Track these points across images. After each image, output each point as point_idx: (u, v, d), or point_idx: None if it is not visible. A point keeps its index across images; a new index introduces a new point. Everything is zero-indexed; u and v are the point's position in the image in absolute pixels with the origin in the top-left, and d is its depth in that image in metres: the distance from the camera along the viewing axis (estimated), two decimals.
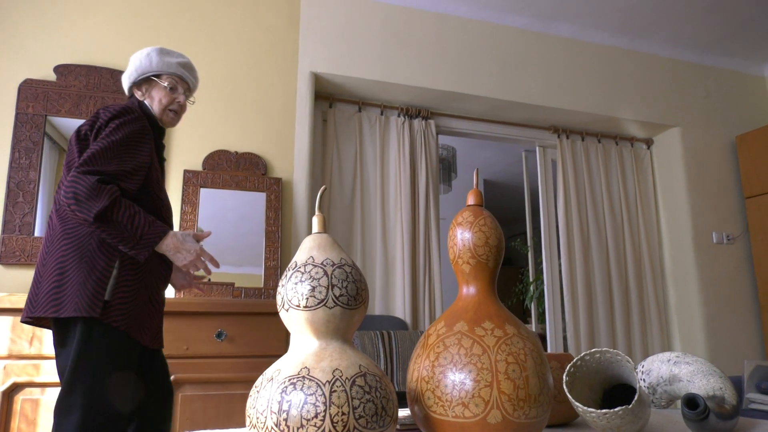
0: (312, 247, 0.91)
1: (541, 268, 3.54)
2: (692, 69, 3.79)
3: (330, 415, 0.75)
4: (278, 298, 0.90)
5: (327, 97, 3.07)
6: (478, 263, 0.96)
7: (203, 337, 2.07)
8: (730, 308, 3.48)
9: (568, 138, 3.53)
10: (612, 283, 3.41)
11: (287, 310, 0.87)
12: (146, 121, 1.55)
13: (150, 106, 1.65)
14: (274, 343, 2.15)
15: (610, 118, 3.49)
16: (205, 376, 2.04)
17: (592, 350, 1.07)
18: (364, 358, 0.86)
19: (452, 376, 0.84)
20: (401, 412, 1.23)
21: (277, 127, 2.76)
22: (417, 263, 2.98)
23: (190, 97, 1.75)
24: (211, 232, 1.74)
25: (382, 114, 3.15)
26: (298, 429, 0.75)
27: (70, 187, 1.35)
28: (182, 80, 1.69)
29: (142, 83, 1.65)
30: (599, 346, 3.27)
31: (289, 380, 0.79)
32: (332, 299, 0.85)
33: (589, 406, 1.06)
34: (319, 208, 0.98)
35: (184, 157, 2.60)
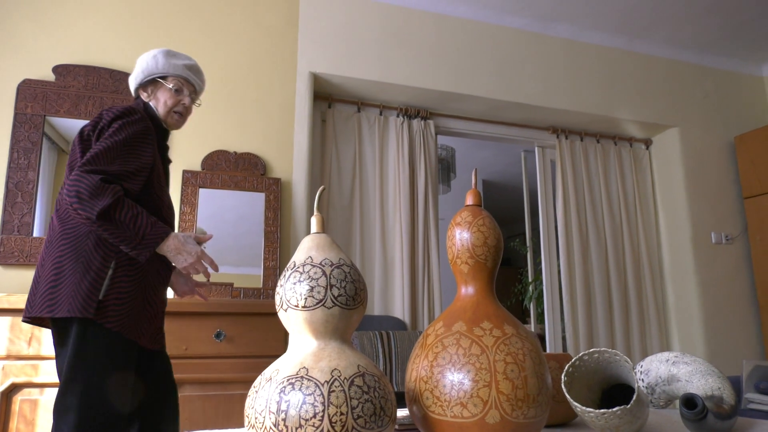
0: (310, 247, 0.91)
1: (540, 269, 3.54)
2: (691, 69, 3.79)
3: (328, 415, 0.75)
4: (277, 298, 0.89)
5: (326, 97, 3.06)
6: (477, 263, 0.96)
7: (202, 338, 2.07)
8: (729, 308, 3.49)
9: (567, 138, 3.53)
10: (611, 284, 3.41)
11: (286, 310, 0.87)
12: (149, 122, 1.55)
13: (155, 108, 1.65)
14: (272, 344, 2.15)
15: (609, 118, 3.49)
16: (204, 377, 2.04)
17: (590, 350, 1.07)
18: (362, 358, 0.86)
19: (451, 376, 0.84)
20: (400, 412, 1.23)
21: (276, 128, 2.76)
22: (416, 263, 2.98)
23: (197, 100, 1.75)
24: (213, 235, 1.71)
25: (381, 114, 3.15)
26: (296, 429, 0.75)
27: (72, 186, 1.34)
28: (188, 82, 1.68)
29: (148, 85, 1.65)
30: (598, 346, 3.27)
31: (288, 380, 0.79)
32: (331, 299, 0.85)
33: (587, 406, 1.06)
34: (318, 209, 0.98)
35: (183, 158, 2.60)
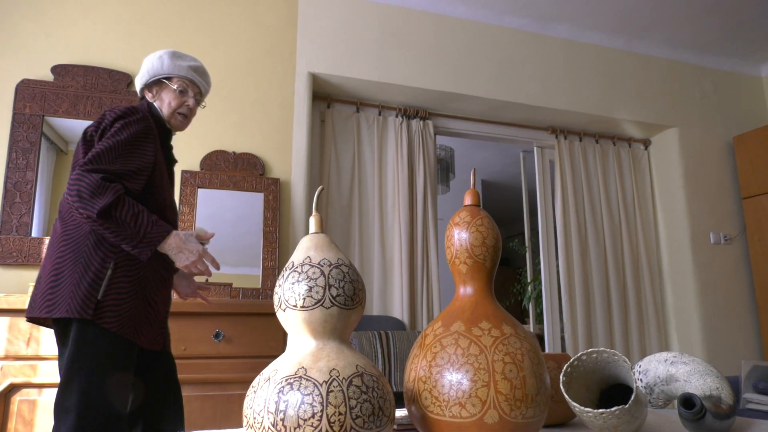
0: (309, 247, 0.91)
1: (539, 269, 3.54)
2: (690, 70, 3.79)
3: (327, 415, 0.75)
4: (275, 298, 0.89)
5: (325, 97, 3.06)
6: (475, 263, 0.96)
7: (201, 338, 2.07)
8: (728, 308, 3.49)
9: (566, 138, 3.53)
10: (610, 284, 3.41)
11: (284, 310, 0.87)
12: (151, 122, 1.55)
13: (159, 109, 1.65)
14: (271, 344, 2.15)
15: (608, 118, 3.49)
16: (203, 377, 2.04)
17: (589, 350, 1.07)
18: (361, 358, 0.86)
19: (449, 376, 0.84)
20: (399, 413, 1.23)
21: (274, 128, 2.76)
22: (415, 263, 2.97)
23: (202, 102, 1.75)
24: (215, 233, 1.70)
25: (380, 114, 3.15)
26: (294, 429, 0.74)
27: (74, 185, 1.35)
28: (193, 84, 1.68)
29: (153, 85, 1.66)
30: (597, 346, 3.28)
31: (286, 380, 0.79)
32: (329, 299, 0.85)
33: (586, 406, 1.06)
34: (317, 209, 0.98)
35: (182, 158, 2.59)
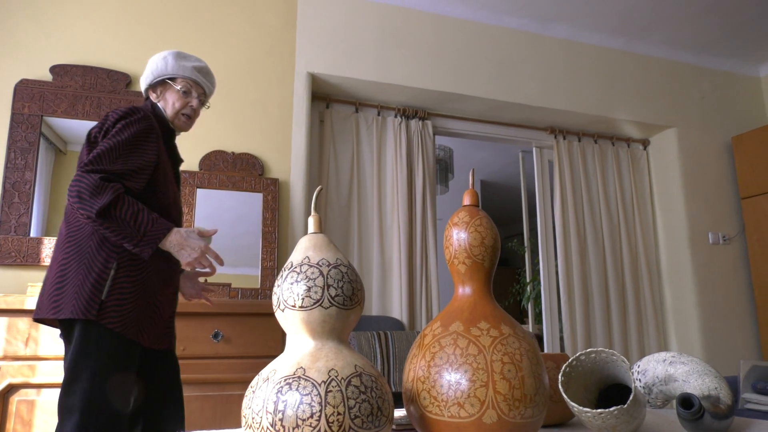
0: (308, 248, 0.91)
1: (538, 269, 3.54)
2: (688, 70, 3.80)
3: (325, 415, 0.75)
4: (274, 298, 0.90)
5: (324, 97, 3.06)
6: (474, 263, 0.96)
7: (200, 338, 2.06)
8: (726, 308, 3.49)
9: (565, 139, 3.54)
10: (608, 284, 3.41)
11: (283, 311, 0.87)
12: (153, 121, 1.56)
13: (163, 109, 1.65)
14: (270, 344, 2.15)
15: (607, 118, 3.49)
16: (202, 377, 2.04)
17: (587, 350, 1.07)
18: (360, 358, 0.86)
19: (448, 376, 0.84)
20: (397, 413, 1.23)
21: (274, 128, 2.76)
22: (414, 264, 2.98)
23: (206, 102, 1.75)
24: (217, 230, 1.65)
25: (379, 114, 3.15)
26: (293, 429, 0.75)
27: (74, 186, 1.36)
28: (197, 84, 1.69)
29: (157, 86, 1.66)
30: (596, 346, 3.28)
31: (285, 380, 0.79)
32: (328, 299, 0.85)
33: (584, 406, 1.06)
34: (316, 209, 0.98)
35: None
